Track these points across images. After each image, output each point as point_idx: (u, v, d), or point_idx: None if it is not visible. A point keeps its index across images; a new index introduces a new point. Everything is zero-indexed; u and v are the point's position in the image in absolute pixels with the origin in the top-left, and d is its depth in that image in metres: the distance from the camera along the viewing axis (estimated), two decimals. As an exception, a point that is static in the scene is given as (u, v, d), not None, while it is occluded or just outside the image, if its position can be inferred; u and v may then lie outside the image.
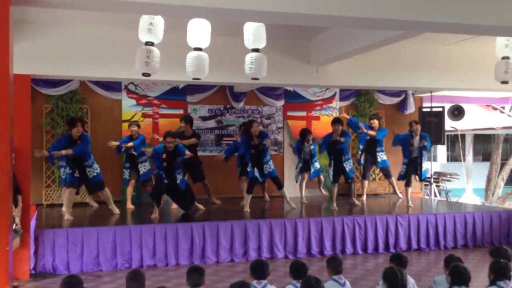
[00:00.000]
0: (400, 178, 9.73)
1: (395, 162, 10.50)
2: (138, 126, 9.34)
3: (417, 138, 9.54)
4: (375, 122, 10.16)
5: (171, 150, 7.96)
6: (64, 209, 8.13)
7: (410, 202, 9.47)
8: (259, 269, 4.20)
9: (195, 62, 5.55)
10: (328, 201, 9.71)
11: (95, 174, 8.12)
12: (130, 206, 9.19)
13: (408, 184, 9.62)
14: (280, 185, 9.05)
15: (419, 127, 9.57)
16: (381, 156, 10.21)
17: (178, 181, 8.16)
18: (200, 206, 8.85)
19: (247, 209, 8.73)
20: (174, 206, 9.07)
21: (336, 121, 9.20)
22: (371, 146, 10.15)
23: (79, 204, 8.70)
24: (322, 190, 10.53)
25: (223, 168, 10.41)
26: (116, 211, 8.42)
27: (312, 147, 9.75)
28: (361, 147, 10.45)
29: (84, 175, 8.03)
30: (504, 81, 6.38)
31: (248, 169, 8.93)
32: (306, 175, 10.12)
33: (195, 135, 9.36)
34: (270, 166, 8.80)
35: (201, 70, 5.58)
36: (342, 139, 8.94)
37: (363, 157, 10.36)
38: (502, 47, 6.29)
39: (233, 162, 10.33)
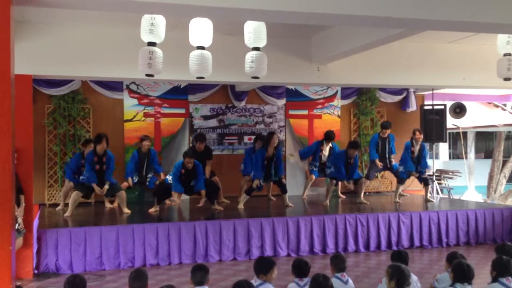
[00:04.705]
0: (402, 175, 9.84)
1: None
2: (151, 140, 9.59)
3: (418, 147, 9.54)
4: (388, 131, 10.02)
5: (190, 169, 8.30)
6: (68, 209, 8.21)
7: (397, 198, 9.86)
8: (262, 266, 4.21)
9: (199, 61, 5.54)
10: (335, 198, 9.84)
11: (114, 181, 8.50)
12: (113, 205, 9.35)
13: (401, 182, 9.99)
14: (284, 190, 9.06)
15: (421, 136, 9.57)
16: (392, 161, 10.17)
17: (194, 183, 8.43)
18: (219, 207, 8.78)
19: (241, 206, 8.79)
20: (177, 201, 9.04)
21: (354, 147, 9.35)
22: (383, 150, 10.03)
23: (82, 204, 8.70)
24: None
25: (225, 167, 10.42)
26: (127, 211, 8.43)
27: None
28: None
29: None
30: (507, 78, 6.37)
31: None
32: (313, 176, 10.17)
33: (207, 150, 9.45)
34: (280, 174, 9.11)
35: (204, 69, 5.58)
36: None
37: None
38: (503, 44, 6.29)
39: (235, 161, 10.36)
